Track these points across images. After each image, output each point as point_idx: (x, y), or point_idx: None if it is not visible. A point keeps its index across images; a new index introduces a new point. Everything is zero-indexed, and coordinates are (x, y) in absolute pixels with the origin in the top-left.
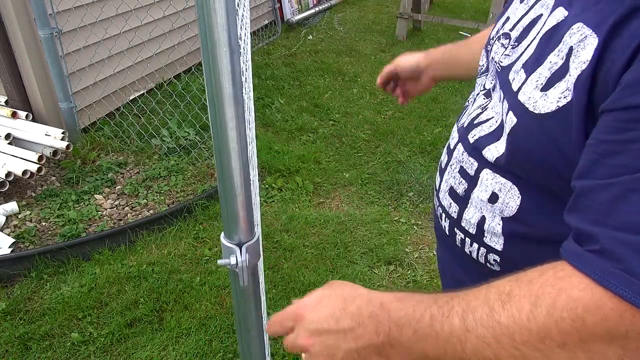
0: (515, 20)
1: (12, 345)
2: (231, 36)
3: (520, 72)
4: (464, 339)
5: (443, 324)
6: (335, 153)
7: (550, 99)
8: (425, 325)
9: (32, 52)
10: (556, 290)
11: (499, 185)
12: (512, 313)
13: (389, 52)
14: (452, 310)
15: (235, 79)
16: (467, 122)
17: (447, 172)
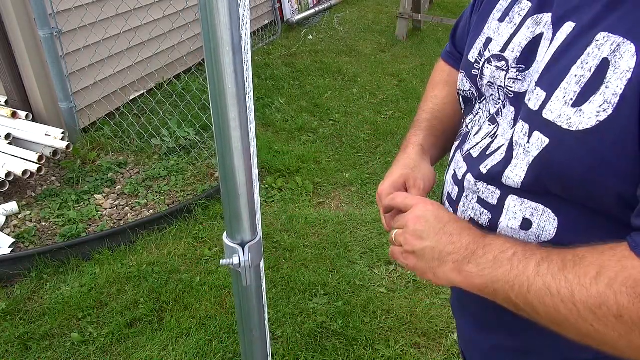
0: (502, 41)
1: (12, 345)
2: (234, 35)
3: (537, 91)
4: (533, 280)
5: (520, 262)
6: (335, 153)
7: (587, 114)
8: (506, 257)
9: (32, 52)
10: (620, 267)
11: (530, 211)
12: (579, 274)
13: (389, 52)
14: (534, 255)
15: (238, 79)
16: (478, 153)
17: (461, 203)
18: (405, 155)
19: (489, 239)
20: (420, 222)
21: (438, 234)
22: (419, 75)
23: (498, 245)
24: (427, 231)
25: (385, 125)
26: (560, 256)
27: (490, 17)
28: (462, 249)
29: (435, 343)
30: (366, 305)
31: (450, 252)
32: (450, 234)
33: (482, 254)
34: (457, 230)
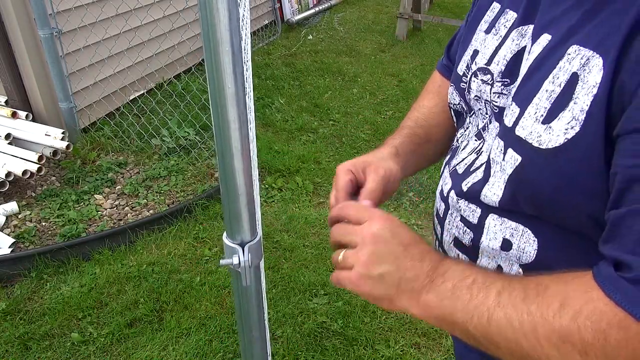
0: (488, 53)
1: (12, 345)
2: (234, 35)
3: (513, 106)
4: (493, 311)
5: (480, 290)
6: (335, 153)
7: (556, 132)
8: (465, 286)
9: (32, 52)
10: (585, 299)
11: (509, 231)
12: (542, 305)
13: (389, 52)
14: (494, 284)
15: (237, 79)
16: (463, 169)
17: (447, 221)
18: (375, 151)
19: (447, 264)
20: (379, 242)
21: (399, 258)
22: (419, 75)
23: (457, 272)
24: (387, 253)
25: (385, 125)
26: (522, 285)
27: (477, 29)
28: (422, 276)
29: (435, 343)
30: (366, 305)
31: (410, 279)
32: (412, 258)
33: (441, 282)
34: (418, 255)
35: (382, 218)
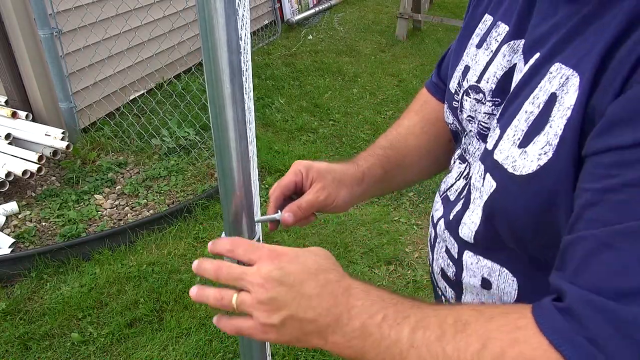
0: (479, 69)
1: (12, 345)
2: (232, 36)
3: (496, 128)
4: (406, 354)
5: (391, 329)
6: (335, 153)
7: (530, 157)
8: (375, 324)
9: (32, 52)
10: (510, 340)
11: (486, 270)
12: (459, 346)
13: (389, 52)
14: (406, 319)
15: (235, 79)
16: (454, 195)
17: (435, 250)
18: (346, 165)
19: (355, 297)
20: (271, 287)
21: (295, 299)
22: (419, 75)
23: (365, 308)
24: (281, 297)
25: (385, 125)
26: (439, 320)
27: (469, 42)
28: (323, 315)
29: None
30: None
31: (312, 320)
32: (308, 297)
33: (347, 320)
34: (315, 291)
35: (270, 257)
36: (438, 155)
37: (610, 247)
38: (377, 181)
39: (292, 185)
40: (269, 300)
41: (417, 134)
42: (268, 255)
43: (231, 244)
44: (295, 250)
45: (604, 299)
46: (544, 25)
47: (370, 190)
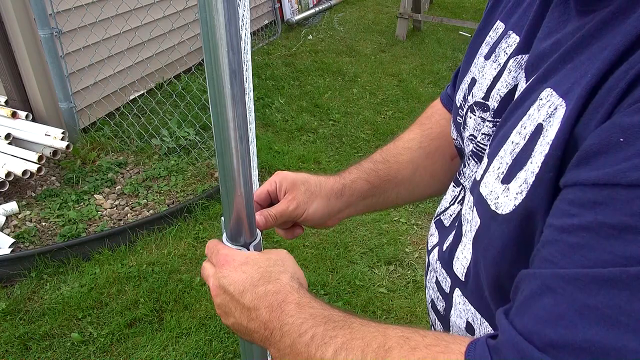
0: (486, 84)
1: (12, 345)
2: (232, 36)
3: (484, 157)
4: None
5: (318, 350)
6: (335, 153)
7: (510, 196)
8: (303, 343)
9: (32, 52)
10: None
11: (470, 315)
12: None
13: (389, 52)
14: (333, 340)
15: (237, 79)
16: (449, 221)
17: (427, 278)
18: (326, 178)
19: (286, 314)
20: (217, 295)
21: (237, 308)
22: (419, 75)
23: (296, 326)
24: (225, 305)
25: (385, 125)
26: (364, 343)
27: (478, 52)
28: (261, 328)
29: None
30: (366, 305)
31: (254, 330)
32: (247, 309)
33: (279, 336)
34: (252, 303)
35: (220, 264)
36: (435, 173)
37: (553, 292)
38: (362, 196)
39: (265, 195)
40: (219, 306)
41: (413, 149)
42: (220, 261)
43: (208, 247)
44: (246, 256)
45: (530, 346)
46: (549, 41)
47: (355, 204)
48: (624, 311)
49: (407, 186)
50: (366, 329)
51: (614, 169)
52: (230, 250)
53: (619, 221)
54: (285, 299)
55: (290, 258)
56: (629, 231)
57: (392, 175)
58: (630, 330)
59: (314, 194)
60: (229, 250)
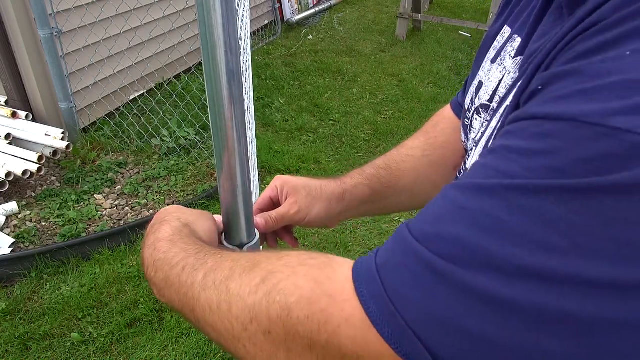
0: (492, 87)
1: (12, 345)
2: (231, 36)
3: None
4: (198, 297)
5: (189, 276)
6: (335, 153)
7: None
8: (175, 274)
9: (32, 52)
10: (290, 272)
11: None
12: (244, 282)
13: (389, 52)
14: (204, 265)
15: (235, 79)
16: None
17: None
18: (327, 181)
19: (158, 250)
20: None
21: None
22: (419, 75)
23: (167, 260)
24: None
25: (385, 125)
26: (233, 263)
27: (486, 56)
28: (146, 266)
29: None
30: None
31: (144, 266)
32: (146, 245)
33: (153, 272)
34: (145, 244)
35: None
36: (437, 182)
37: (443, 197)
38: (363, 201)
39: (268, 201)
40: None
41: (416, 157)
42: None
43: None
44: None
45: (409, 236)
46: (539, 42)
47: (355, 208)
48: (490, 216)
49: (408, 194)
50: (239, 254)
51: (522, 111)
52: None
53: (512, 143)
54: (158, 238)
55: (201, 214)
56: (513, 151)
57: (393, 182)
58: (487, 231)
59: (316, 198)
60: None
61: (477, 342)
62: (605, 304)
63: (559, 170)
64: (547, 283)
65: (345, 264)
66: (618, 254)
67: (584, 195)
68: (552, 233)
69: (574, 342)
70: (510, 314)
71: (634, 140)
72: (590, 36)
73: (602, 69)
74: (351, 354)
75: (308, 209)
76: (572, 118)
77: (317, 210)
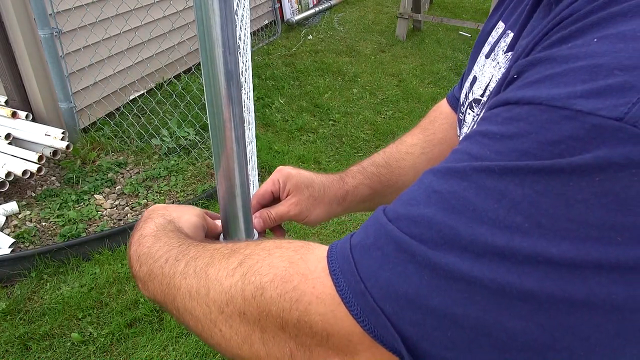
0: (484, 82)
1: (12, 345)
2: (229, 36)
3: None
4: (179, 286)
5: (171, 267)
6: (335, 153)
7: None
8: (158, 266)
9: (32, 52)
10: (266, 254)
11: None
12: (220, 267)
13: (389, 52)
14: (185, 255)
15: (233, 79)
16: None
17: None
18: (331, 180)
19: (142, 245)
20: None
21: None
22: (419, 75)
23: (151, 254)
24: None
25: (385, 125)
26: (213, 251)
27: (481, 51)
28: (133, 262)
29: None
30: None
31: (130, 262)
32: (131, 242)
33: (138, 266)
34: (132, 239)
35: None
36: None
37: (419, 181)
38: (362, 200)
39: (268, 195)
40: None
41: (416, 155)
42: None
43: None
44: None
45: (384, 217)
46: (527, 39)
47: (354, 207)
48: (459, 197)
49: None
50: (220, 243)
51: (497, 99)
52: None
53: (485, 128)
54: (142, 234)
55: (186, 210)
56: (485, 135)
57: (393, 181)
58: (455, 212)
59: (317, 200)
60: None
61: (442, 320)
62: (564, 284)
63: (526, 152)
64: (509, 262)
65: (322, 247)
66: (578, 234)
67: (547, 177)
68: (516, 213)
69: (534, 321)
70: (474, 293)
71: (595, 122)
72: (564, 26)
73: (571, 55)
74: (321, 332)
75: (309, 210)
76: (539, 102)
77: (317, 212)
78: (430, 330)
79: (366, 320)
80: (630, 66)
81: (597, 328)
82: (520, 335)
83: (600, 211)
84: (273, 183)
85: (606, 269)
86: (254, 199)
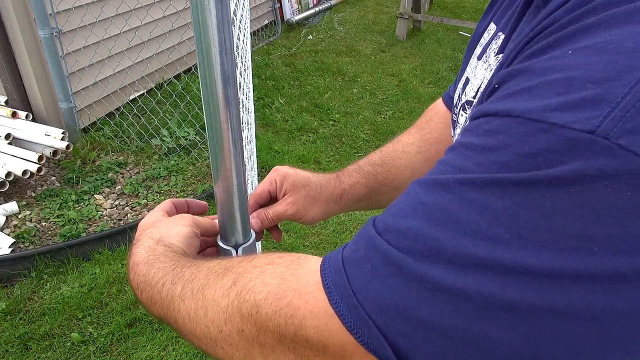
0: (477, 84)
1: (12, 345)
2: (226, 37)
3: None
4: (178, 308)
5: (168, 291)
6: (335, 153)
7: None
8: (156, 292)
9: (32, 52)
10: (258, 271)
11: None
12: (216, 287)
13: (389, 52)
14: (181, 278)
15: (229, 80)
16: None
17: None
18: (329, 179)
19: (138, 274)
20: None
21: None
22: (419, 75)
23: (147, 282)
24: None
25: (385, 125)
26: (207, 271)
27: (473, 53)
28: (132, 287)
29: None
30: None
31: (132, 288)
32: (128, 268)
33: (139, 293)
34: (128, 265)
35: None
36: None
37: (406, 193)
38: (359, 199)
39: (266, 195)
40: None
41: (412, 154)
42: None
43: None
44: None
45: (373, 230)
46: (514, 42)
47: (351, 206)
48: (444, 209)
49: (400, 191)
50: (212, 261)
51: (478, 109)
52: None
53: (467, 140)
54: (135, 262)
55: (174, 222)
56: (468, 148)
57: (389, 180)
58: (440, 224)
59: (314, 199)
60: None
61: (431, 332)
62: (545, 294)
63: (505, 165)
64: (492, 273)
65: (313, 259)
66: (557, 244)
67: (525, 189)
68: (497, 225)
69: (518, 331)
70: (460, 304)
71: (569, 135)
72: (544, 37)
73: (547, 67)
74: (317, 344)
75: (306, 210)
76: (517, 115)
77: (314, 211)
78: (421, 342)
79: (359, 332)
80: (602, 79)
81: (580, 337)
82: (506, 345)
83: (578, 222)
84: (270, 183)
85: (584, 278)
86: (251, 199)
